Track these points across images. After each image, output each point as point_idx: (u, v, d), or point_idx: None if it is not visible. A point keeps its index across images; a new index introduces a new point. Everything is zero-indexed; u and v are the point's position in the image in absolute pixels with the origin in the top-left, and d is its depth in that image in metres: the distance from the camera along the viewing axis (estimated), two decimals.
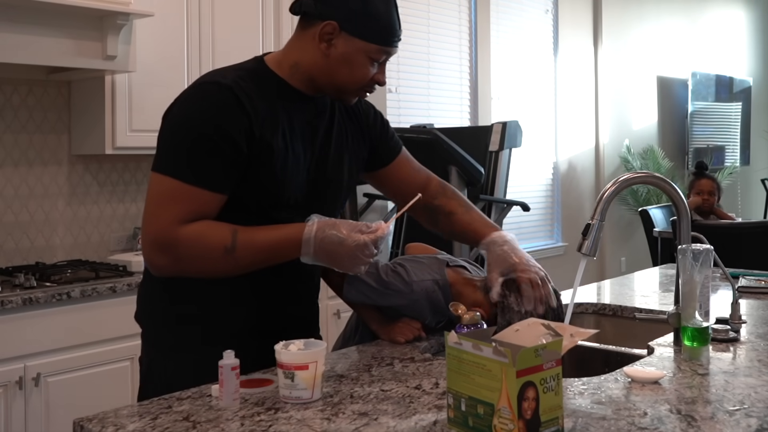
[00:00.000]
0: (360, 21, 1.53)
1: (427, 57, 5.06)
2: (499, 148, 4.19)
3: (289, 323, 1.66)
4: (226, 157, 1.48)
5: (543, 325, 1.35)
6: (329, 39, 1.54)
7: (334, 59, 1.55)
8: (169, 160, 1.49)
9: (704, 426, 1.21)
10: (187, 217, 1.47)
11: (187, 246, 1.47)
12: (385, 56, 1.58)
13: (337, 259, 1.50)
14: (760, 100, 8.97)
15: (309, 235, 1.49)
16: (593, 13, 6.62)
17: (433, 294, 1.74)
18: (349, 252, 1.48)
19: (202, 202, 1.48)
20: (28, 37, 2.81)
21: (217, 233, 1.48)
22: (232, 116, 1.48)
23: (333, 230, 1.49)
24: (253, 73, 1.58)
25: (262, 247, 1.50)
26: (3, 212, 3.15)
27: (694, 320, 1.60)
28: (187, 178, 1.46)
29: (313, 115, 1.64)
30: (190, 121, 1.49)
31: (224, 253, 1.47)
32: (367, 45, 1.54)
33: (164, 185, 1.48)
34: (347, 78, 1.57)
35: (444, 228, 1.85)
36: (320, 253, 1.49)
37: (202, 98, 1.51)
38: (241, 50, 3.51)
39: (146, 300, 1.69)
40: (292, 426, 1.23)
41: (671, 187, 1.76)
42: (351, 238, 1.48)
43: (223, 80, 1.51)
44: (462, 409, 1.17)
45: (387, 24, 1.55)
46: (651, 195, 6.76)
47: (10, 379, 2.61)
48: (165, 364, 1.63)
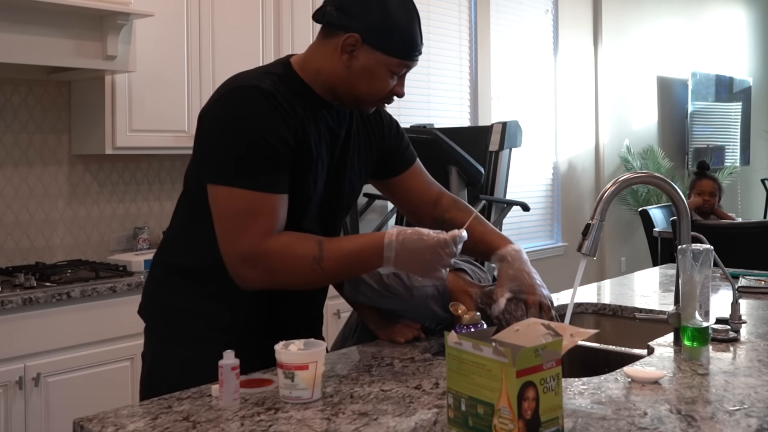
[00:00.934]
0: (382, 34, 1.54)
1: (427, 57, 5.05)
2: (499, 148, 4.18)
3: (293, 323, 1.66)
4: (284, 159, 1.50)
5: (543, 325, 1.35)
6: (351, 51, 1.54)
7: (355, 71, 1.56)
8: (232, 171, 1.48)
9: (704, 426, 1.21)
10: (271, 227, 1.49)
11: (278, 259, 1.49)
12: (405, 69, 1.59)
13: (419, 257, 1.50)
14: (760, 100, 8.97)
15: (390, 238, 1.51)
16: (593, 13, 6.62)
17: (433, 300, 1.74)
18: (431, 248, 1.49)
19: (278, 208, 1.50)
20: (28, 37, 2.81)
21: (305, 244, 1.51)
22: (279, 121, 1.50)
23: (413, 232, 1.51)
24: (284, 78, 1.58)
25: (346, 255, 1.52)
26: (3, 212, 3.15)
27: (694, 320, 1.60)
28: (258, 186, 1.47)
29: (335, 122, 1.65)
30: (240, 127, 1.49)
31: (312, 262, 1.49)
32: (388, 58, 1.55)
33: (238, 198, 1.48)
34: (367, 90, 1.58)
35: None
36: (402, 254, 1.50)
37: (246, 103, 1.50)
38: (241, 50, 3.51)
39: (152, 295, 1.71)
40: (292, 426, 1.23)
41: (671, 187, 1.76)
42: (432, 235, 1.50)
43: (262, 85, 1.52)
44: (462, 409, 1.17)
45: (409, 38, 1.56)
46: (651, 195, 6.76)
47: (10, 379, 2.61)
48: (170, 355, 1.64)
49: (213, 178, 1.51)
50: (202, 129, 1.55)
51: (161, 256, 1.71)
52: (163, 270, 1.69)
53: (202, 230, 1.56)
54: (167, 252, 1.70)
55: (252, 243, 1.48)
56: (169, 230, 1.72)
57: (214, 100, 1.55)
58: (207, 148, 1.54)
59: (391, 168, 1.82)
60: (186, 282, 1.64)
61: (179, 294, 1.65)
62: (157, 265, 1.72)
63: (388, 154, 1.80)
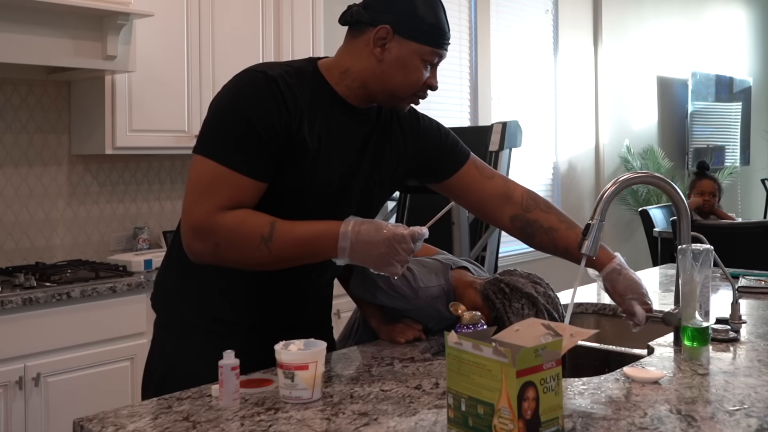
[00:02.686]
0: (412, 23, 1.54)
1: None
2: (499, 148, 4.18)
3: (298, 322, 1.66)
4: (266, 146, 1.49)
5: (543, 325, 1.35)
6: (383, 43, 1.55)
7: (388, 63, 1.56)
8: (210, 143, 1.50)
9: (704, 426, 1.21)
10: (227, 204, 1.47)
11: (225, 233, 1.47)
12: (437, 58, 1.59)
13: (374, 248, 1.47)
14: (760, 100, 8.97)
15: (346, 228, 1.48)
16: (593, 13, 6.62)
17: (438, 301, 1.74)
18: (386, 241, 1.46)
19: (242, 188, 1.48)
20: (28, 37, 2.81)
21: (256, 222, 1.49)
22: (274, 107, 1.49)
23: (370, 224, 1.49)
24: (301, 71, 1.58)
25: (298, 239, 1.49)
26: (3, 212, 3.15)
27: (694, 320, 1.60)
28: (229, 163, 1.47)
29: (353, 123, 1.63)
30: (234, 106, 1.51)
31: (260, 241, 1.47)
32: (420, 47, 1.55)
33: (206, 169, 1.48)
34: (401, 82, 1.58)
35: (543, 244, 1.79)
36: (357, 245, 1.48)
37: (247, 86, 1.52)
38: (241, 50, 3.51)
39: (159, 282, 1.72)
40: (292, 426, 1.23)
41: (671, 187, 1.76)
42: (389, 228, 1.48)
43: (270, 71, 1.52)
44: (462, 409, 1.17)
45: (438, 26, 1.57)
46: (651, 195, 6.75)
47: (10, 379, 2.61)
48: (167, 342, 1.65)
49: (194, 148, 1.53)
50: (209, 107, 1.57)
51: (172, 246, 1.71)
52: (171, 259, 1.70)
53: None
54: (176, 244, 1.70)
55: (204, 214, 1.47)
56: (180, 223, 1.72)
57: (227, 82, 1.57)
58: (203, 123, 1.56)
59: (441, 169, 1.78)
60: (191, 273, 1.64)
61: (180, 283, 1.66)
62: (167, 254, 1.73)
63: (432, 157, 1.76)
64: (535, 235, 1.78)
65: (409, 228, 1.49)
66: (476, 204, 1.81)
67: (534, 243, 1.81)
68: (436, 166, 1.78)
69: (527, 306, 1.69)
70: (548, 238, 1.77)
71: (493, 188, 1.79)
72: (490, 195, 1.78)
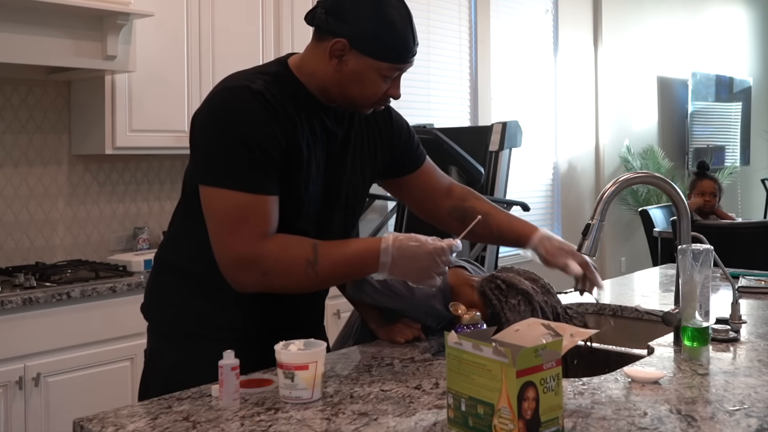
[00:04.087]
0: (371, 40, 1.50)
1: (427, 57, 5.05)
2: (499, 148, 4.18)
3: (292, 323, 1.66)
4: (273, 160, 1.49)
5: (543, 325, 1.35)
6: (340, 55, 1.52)
7: (346, 75, 1.53)
8: (222, 172, 1.48)
9: (704, 426, 1.21)
10: (262, 229, 1.48)
11: (271, 262, 1.48)
12: (397, 72, 1.56)
13: (415, 264, 1.50)
14: (760, 100, 8.97)
15: (387, 243, 1.51)
16: (593, 13, 6.62)
17: (434, 299, 1.74)
18: (428, 254, 1.49)
19: (268, 208, 1.49)
20: (28, 37, 2.81)
21: (299, 247, 1.50)
22: (269, 121, 1.48)
23: (410, 239, 1.52)
24: (278, 78, 1.56)
25: (342, 260, 1.52)
26: (3, 212, 3.15)
27: (694, 320, 1.60)
28: (249, 188, 1.46)
29: (333, 122, 1.63)
30: (232, 128, 1.47)
31: (307, 266, 1.49)
32: (378, 63, 1.52)
33: (229, 200, 1.47)
34: (359, 93, 1.56)
35: (479, 230, 1.79)
36: (399, 260, 1.50)
37: (238, 105, 1.48)
38: (242, 50, 3.51)
39: (153, 292, 1.72)
40: (292, 426, 1.23)
41: (671, 187, 1.76)
42: (429, 241, 1.50)
43: (252, 85, 1.50)
44: (462, 409, 1.17)
45: (399, 41, 1.52)
46: (651, 195, 6.76)
47: (10, 379, 2.61)
48: (167, 350, 1.65)
49: (204, 179, 1.50)
50: (194, 130, 1.55)
51: (162, 254, 1.71)
52: (163, 268, 1.69)
53: (201, 234, 1.55)
54: (167, 252, 1.70)
55: (245, 246, 1.47)
56: (170, 230, 1.73)
57: (206, 100, 1.54)
58: (198, 149, 1.53)
59: (403, 167, 1.81)
60: (186, 282, 1.64)
61: (179, 292, 1.65)
62: (157, 263, 1.72)
63: (399, 154, 1.79)
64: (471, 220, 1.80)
65: (445, 240, 1.52)
66: (423, 201, 1.87)
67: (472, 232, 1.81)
68: (402, 162, 1.80)
69: (523, 302, 1.69)
70: (483, 223, 1.78)
71: (439, 185, 1.86)
72: (436, 192, 1.85)
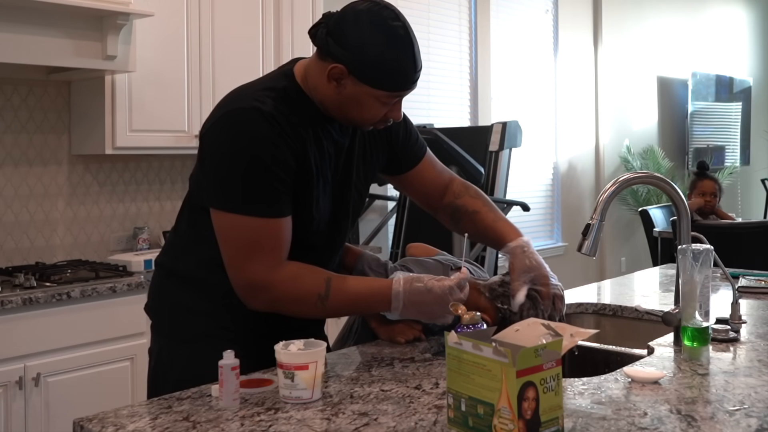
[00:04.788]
0: (370, 69, 1.48)
1: (427, 57, 5.05)
2: (499, 148, 4.18)
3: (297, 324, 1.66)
4: (286, 183, 1.50)
5: (543, 325, 1.35)
6: (339, 79, 1.50)
7: (345, 98, 1.53)
8: (235, 197, 1.48)
9: (704, 426, 1.21)
10: (276, 254, 1.50)
11: (283, 291, 1.52)
12: (397, 99, 1.55)
13: (426, 308, 1.55)
14: (760, 100, 8.97)
15: (398, 289, 1.54)
16: (593, 13, 6.62)
17: None
18: (437, 299, 1.53)
19: (281, 232, 1.50)
20: (28, 37, 2.81)
21: (312, 281, 1.53)
22: (281, 145, 1.48)
23: (419, 282, 1.54)
24: (285, 93, 1.55)
25: (353, 298, 1.55)
26: (3, 212, 3.15)
27: (694, 320, 1.60)
28: (263, 213, 1.48)
29: (339, 133, 1.63)
30: (244, 152, 1.47)
31: (317, 300, 1.52)
32: (375, 91, 1.50)
33: (243, 225, 1.48)
34: (357, 117, 1.56)
35: (467, 227, 1.82)
36: (409, 306, 1.54)
37: (249, 128, 1.47)
38: (241, 50, 3.51)
39: (157, 293, 1.72)
40: (292, 426, 1.23)
41: (671, 187, 1.76)
42: (438, 285, 1.53)
43: (263, 107, 1.49)
44: (462, 409, 1.17)
45: (399, 71, 1.50)
46: (651, 195, 6.75)
47: (10, 379, 2.61)
48: (175, 352, 1.65)
49: (218, 203, 1.50)
50: (205, 150, 1.54)
51: (165, 259, 1.71)
52: (166, 272, 1.70)
53: (207, 245, 1.56)
54: (171, 258, 1.70)
55: (259, 273, 1.49)
56: (174, 237, 1.72)
57: (216, 120, 1.52)
58: (210, 171, 1.52)
59: (404, 163, 1.81)
60: (190, 286, 1.65)
61: (183, 293, 1.65)
62: (161, 267, 1.72)
63: (400, 151, 1.79)
64: (461, 219, 1.83)
65: (453, 278, 1.55)
66: (425, 196, 1.87)
67: (459, 227, 1.85)
68: (402, 158, 1.81)
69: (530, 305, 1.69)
70: (470, 221, 1.81)
71: (440, 181, 1.86)
72: (437, 187, 1.85)
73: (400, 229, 4.28)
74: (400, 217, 4.26)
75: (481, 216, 1.82)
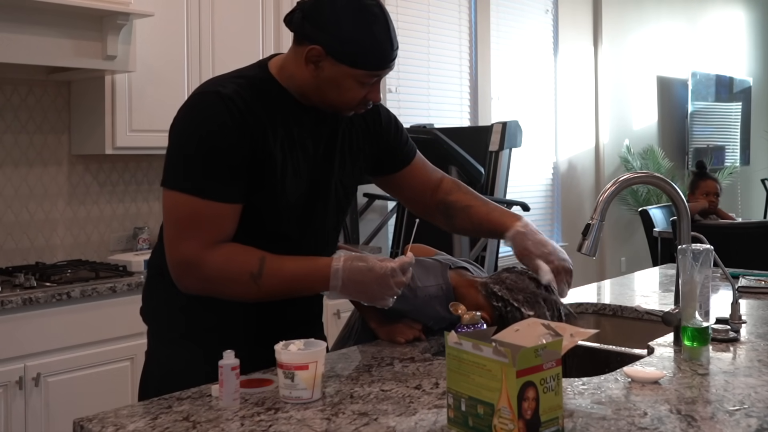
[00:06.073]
0: (347, 47, 1.48)
1: (427, 57, 5.05)
2: (499, 148, 4.19)
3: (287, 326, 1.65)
4: (235, 169, 1.48)
5: (543, 325, 1.35)
6: (316, 62, 1.51)
7: (323, 81, 1.52)
8: (180, 176, 1.49)
9: (704, 426, 1.21)
10: (211, 236, 1.48)
11: (214, 270, 1.49)
12: (375, 78, 1.55)
13: (366, 287, 1.51)
14: (760, 100, 8.97)
15: (337, 266, 1.50)
16: (593, 13, 6.62)
17: (437, 300, 1.74)
18: (377, 278, 1.49)
19: (221, 216, 1.49)
20: (28, 37, 2.81)
21: (245, 259, 1.49)
22: (234, 128, 1.48)
23: (360, 260, 1.50)
24: (253, 81, 1.56)
25: (288, 276, 1.52)
26: (3, 212, 3.15)
27: (694, 320, 1.60)
28: (203, 194, 1.46)
29: (314, 122, 1.61)
30: (194, 134, 1.49)
31: (250, 278, 1.49)
32: (354, 71, 1.50)
33: (182, 203, 1.48)
34: (337, 99, 1.55)
35: (462, 223, 1.82)
36: (349, 283, 1.50)
37: (204, 110, 1.50)
38: (242, 50, 3.51)
39: (147, 293, 1.72)
40: (292, 426, 1.23)
41: (671, 187, 1.76)
42: (379, 265, 1.49)
43: (223, 90, 1.50)
44: (462, 409, 1.17)
45: (375, 48, 1.49)
46: (651, 195, 6.76)
47: (10, 379, 2.61)
48: (164, 354, 1.65)
49: (164, 181, 1.52)
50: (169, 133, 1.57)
51: (153, 258, 1.71)
52: (156, 272, 1.69)
53: None
54: (159, 256, 1.70)
55: (191, 251, 1.48)
56: (160, 233, 1.72)
57: (181, 106, 1.55)
58: (167, 152, 1.55)
59: (393, 164, 1.80)
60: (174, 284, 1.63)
61: (172, 295, 1.64)
62: (151, 267, 1.72)
63: (388, 151, 1.78)
64: (455, 216, 1.81)
65: (396, 260, 1.51)
66: (414, 197, 1.85)
67: (455, 225, 1.84)
68: (391, 158, 1.79)
69: (528, 303, 1.68)
70: (465, 216, 1.80)
71: (430, 181, 1.84)
72: (427, 187, 1.83)
73: (400, 229, 4.28)
74: (400, 217, 4.26)
75: (474, 210, 1.80)
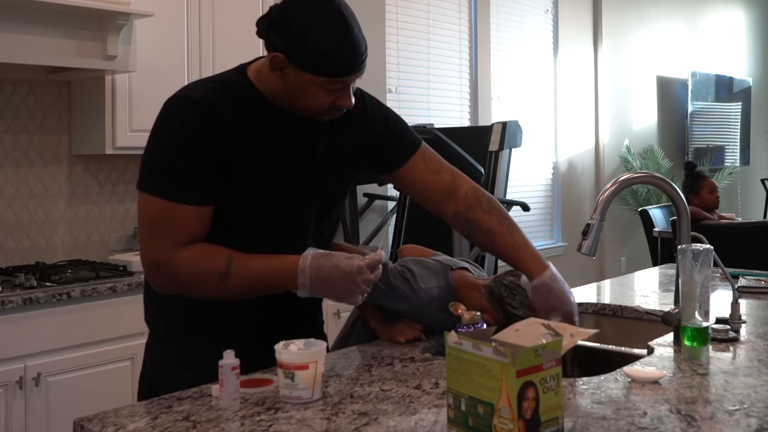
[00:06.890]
0: (308, 56, 1.46)
1: (427, 57, 5.05)
2: (499, 148, 4.19)
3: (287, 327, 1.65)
4: (202, 171, 1.49)
5: (543, 325, 1.35)
6: (281, 68, 1.50)
7: (289, 87, 1.52)
8: (150, 179, 1.51)
9: (704, 426, 1.21)
10: (180, 238, 1.49)
11: (182, 270, 1.50)
12: (341, 85, 1.52)
13: (333, 285, 1.49)
14: (760, 100, 8.97)
15: (304, 264, 1.49)
16: (593, 13, 6.62)
17: (439, 301, 1.73)
18: (344, 276, 1.47)
19: (190, 218, 1.50)
20: (28, 37, 2.81)
21: (212, 259, 1.50)
22: (201, 131, 1.48)
23: (327, 258, 1.49)
24: (227, 84, 1.56)
25: (255, 275, 1.51)
26: (3, 212, 3.15)
27: (694, 320, 1.60)
28: (171, 196, 1.48)
29: (294, 131, 1.60)
30: (161, 137, 1.52)
31: (218, 278, 1.49)
32: (316, 78, 1.48)
33: (151, 205, 1.50)
34: (304, 105, 1.54)
35: (482, 244, 1.77)
36: (316, 281, 1.49)
37: (172, 114, 1.52)
38: (242, 50, 3.50)
39: (146, 298, 1.71)
40: (292, 426, 1.23)
41: (671, 187, 1.76)
42: (346, 262, 1.47)
43: (192, 94, 1.52)
44: (462, 409, 1.17)
45: (339, 55, 1.47)
46: (651, 195, 6.76)
47: (10, 379, 2.61)
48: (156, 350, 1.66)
49: (138, 183, 1.54)
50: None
51: None
52: None
53: None
54: None
55: (160, 251, 1.49)
56: None
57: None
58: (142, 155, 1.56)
59: (392, 159, 1.74)
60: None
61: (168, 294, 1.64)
62: None
63: (383, 145, 1.72)
64: (474, 234, 1.75)
65: (365, 258, 1.49)
66: (423, 196, 1.78)
67: (474, 241, 1.80)
68: (384, 156, 1.74)
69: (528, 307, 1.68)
70: (486, 240, 1.73)
71: (438, 182, 1.75)
72: (436, 189, 1.75)
73: (400, 229, 4.28)
74: (400, 217, 4.26)
75: (498, 237, 1.71)
